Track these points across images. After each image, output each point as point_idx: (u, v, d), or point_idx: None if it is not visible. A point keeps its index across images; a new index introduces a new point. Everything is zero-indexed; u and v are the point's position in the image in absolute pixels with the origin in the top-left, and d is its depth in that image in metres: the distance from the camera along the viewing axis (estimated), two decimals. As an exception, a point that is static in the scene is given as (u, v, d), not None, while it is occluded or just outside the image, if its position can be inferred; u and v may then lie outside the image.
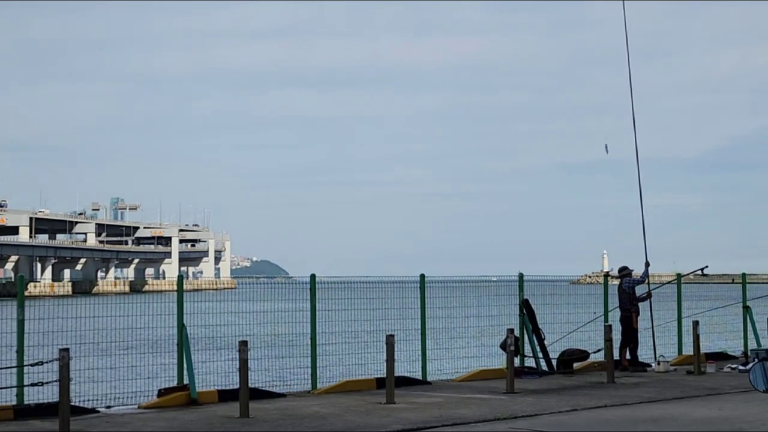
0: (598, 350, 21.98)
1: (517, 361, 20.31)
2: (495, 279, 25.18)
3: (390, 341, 17.48)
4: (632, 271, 23.59)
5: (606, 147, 26.73)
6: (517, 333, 20.72)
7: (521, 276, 22.20)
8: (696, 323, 22.53)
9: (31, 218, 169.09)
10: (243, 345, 15.84)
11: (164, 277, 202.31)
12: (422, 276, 20.80)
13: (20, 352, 15.58)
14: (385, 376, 17.47)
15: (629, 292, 23.09)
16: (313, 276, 18.96)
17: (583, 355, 22.52)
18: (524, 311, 22.04)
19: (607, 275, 25.70)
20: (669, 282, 26.94)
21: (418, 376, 20.25)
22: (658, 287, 24.51)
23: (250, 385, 15.94)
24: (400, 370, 19.16)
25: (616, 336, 22.05)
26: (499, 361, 21.13)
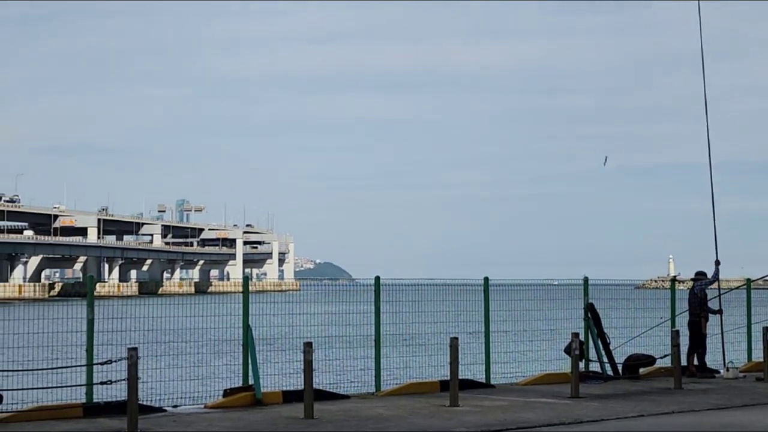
0: (665, 356, 21.69)
1: (581, 365, 20.13)
2: (557, 282, 25.00)
3: (454, 344, 17.43)
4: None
5: (605, 159, 26.86)
6: (581, 337, 20.53)
7: (586, 280, 21.99)
8: (766, 329, 22.11)
9: (99, 220, 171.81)
10: (308, 346, 15.91)
11: (228, 279, 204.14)
12: (486, 279, 20.72)
13: (90, 350, 15.80)
14: (448, 378, 17.43)
15: (701, 296, 22.76)
16: (377, 278, 19.00)
17: (650, 360, 22.24)
18: (589, 315, 21.83)
19: (674, 280, 25.34)
20: (738, 287, 26.49)
21: (482, 379, 20.18)
22: (726, 292, 24.11)
23: (314, 386, 16.01)
24: (464, 373, 19.10)
25: (684, 341, 21.74)
26: (564, 365, 20.96)
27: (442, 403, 17.15)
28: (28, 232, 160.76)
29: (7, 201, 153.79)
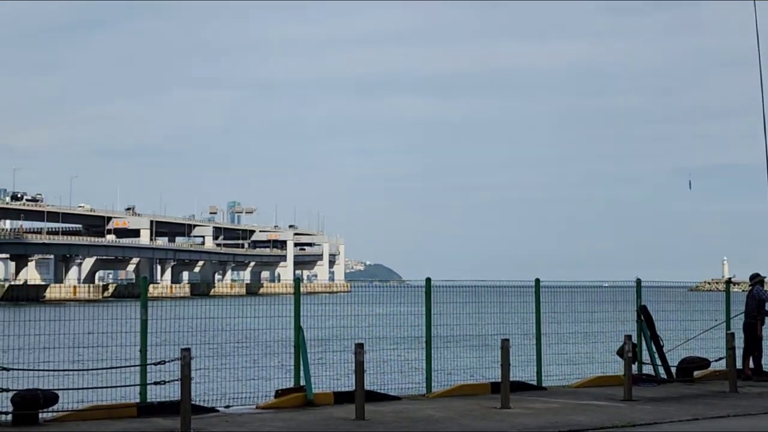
0: (720, 358, 21.41)
1: (634, 368, 19.94)
2: (607, 284, 24.81)
3: (505, 346, 17.36)
4: (765, 278, 22.90)
5: (690, 183, 26.85)
6: (634, 339, 20.33)
7: (639, 282, 21.77)
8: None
9: (151, 221, 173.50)
10: (359, 347, 15.94)
11: (279, 280, 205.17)
12: (537, 281, 20.61)
13: (143, 351, 15.95)
14: (499, 380, 17.37)
15: (758, 299, 22.44)
16: (428, 279, 18.98)
17: (704, 363, 21.96)
18: (642, 317, 21.62)
19: (729, 282, 25.00)
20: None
21: (533, 381, 20.07)
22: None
23: (365, 387, 16.03)
24: (515, 375, 19.01)
25: (739, 344, 21.44)
26: (615, 367, 20.78)
27: (493, 405, 17.09)
28: (110, 236, 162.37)
29: (29, 200, 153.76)
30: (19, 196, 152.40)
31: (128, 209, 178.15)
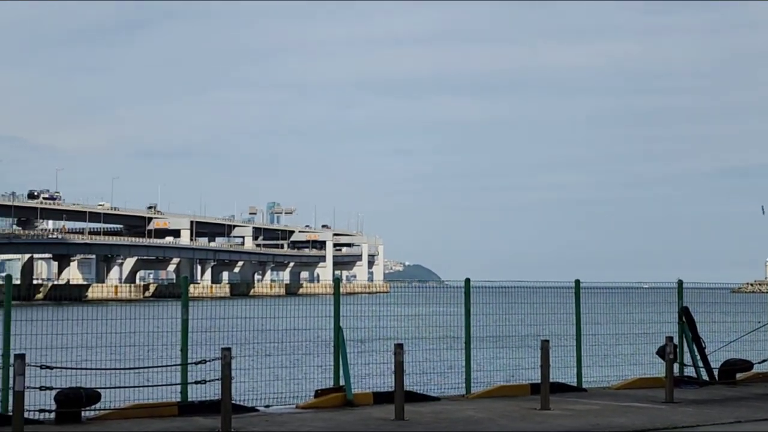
0: (763, 361, 21.20)
1: (676, 369, 19.77)
2: (647, 286, 24.63)
3: (545, 347, 17.29)
4: None
5: (762, 208, 26.51)
6: (676, 341, 20.16)
7: (680, 283, 21.58)
8: None
9: (191, 222, 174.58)
10: (399, 348, 15.94)
11: (318, 281, 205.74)
12: (577, 282, 20.49)
13: (184, 350, 16.06)
14: (539, 381, 17.29)
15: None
16: (467, 280, 18.94)
17: (746, 365, 21.74)
18: (684, 319, 21.43)
19: (772, 283, 24.73)
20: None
21: (573, 382, 19.96)
22: (827, 296, 23.47)
23: (404, 387, 16.03)
24: (555, 376, 18.93)
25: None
26: (656, 369, 20.61)
27: (533, 406, 17.03)
28: (169, 238, 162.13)
29: (47, 198, 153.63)
30: (36, 194, 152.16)
31: (150, 207, 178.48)
